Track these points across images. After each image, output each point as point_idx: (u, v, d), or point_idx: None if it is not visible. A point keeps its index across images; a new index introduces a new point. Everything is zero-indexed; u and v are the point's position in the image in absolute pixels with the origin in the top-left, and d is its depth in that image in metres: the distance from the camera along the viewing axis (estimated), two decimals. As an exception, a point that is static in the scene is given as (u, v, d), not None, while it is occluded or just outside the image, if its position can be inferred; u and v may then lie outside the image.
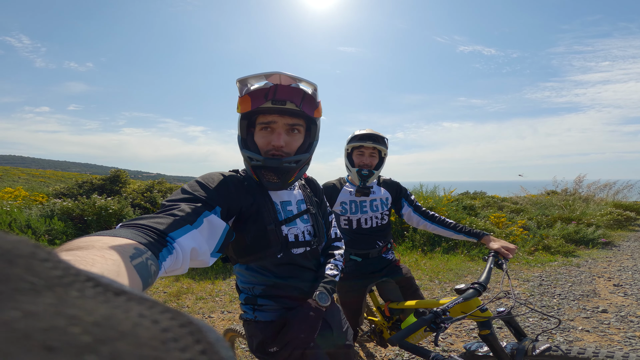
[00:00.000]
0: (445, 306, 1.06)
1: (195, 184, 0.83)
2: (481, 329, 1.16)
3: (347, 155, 1.73)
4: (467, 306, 1.18)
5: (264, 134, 0.92)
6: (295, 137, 0.94)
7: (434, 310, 1.02)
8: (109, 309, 0.11)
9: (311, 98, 0.91)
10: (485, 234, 1.54)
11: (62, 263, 0.13)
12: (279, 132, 0.91)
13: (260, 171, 0.92)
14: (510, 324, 1.22)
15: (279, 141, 0.90)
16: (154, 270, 0.47)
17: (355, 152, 1.69)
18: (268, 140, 0.92)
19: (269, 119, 0.91)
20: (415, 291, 1.75)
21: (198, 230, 0.68)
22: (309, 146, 0.98)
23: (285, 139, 0.92)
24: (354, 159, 1.70)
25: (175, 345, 0.11)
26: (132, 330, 0.11)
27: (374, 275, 1.74)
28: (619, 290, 3.28)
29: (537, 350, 1.12)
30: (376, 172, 1.68)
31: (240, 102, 0.89)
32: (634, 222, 7.40)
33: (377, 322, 1.85)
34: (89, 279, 0.13)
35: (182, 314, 0.13)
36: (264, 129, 0.92)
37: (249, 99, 0.87)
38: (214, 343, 0.12)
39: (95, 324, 0.10)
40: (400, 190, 1.82)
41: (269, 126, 0.92)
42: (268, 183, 0.93)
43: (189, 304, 3.01)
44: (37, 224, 4.36)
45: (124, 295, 0.13)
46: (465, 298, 1.12)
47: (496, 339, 1.15)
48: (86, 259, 0.36)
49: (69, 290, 0.12)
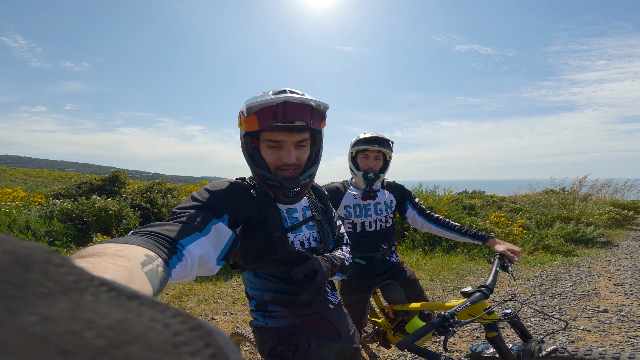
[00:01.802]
0: (453, 310, 1.06)
1: (205, 192, 0.84)
2: (488, 331, 1.16)
3: (351, 159, 1.73)
4: (474, 309, 1.18)
5: (272, 151, 0.91)
6: (304, 150, 0.94)
7: (441, 314, 1.03)
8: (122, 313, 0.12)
9: (319, 112, 0.91)
10: (490, 236, 1.55)
11: (77, 269, 0.13)
12: (289, 150, 0.90)
13: (276, 189, 0.92)
14: (516, 325, 1.23)
15: (291, 159, 0.90)
16: (164, 277, 0.47)
17: (360, 155, 1.68)
18: (278, 157, 0.91)
19: (278, 137, 0.89)
20: (419, 293, 1.75)
21: (206, 237, 0.69)
22: (316, 155, 0.99)
23: (295, 153, 0.91)
24: (359, 162, 1.69)
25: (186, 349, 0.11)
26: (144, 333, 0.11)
27: (378, 278, 1.75)
28: (619, 290, 3.30)
29: (544, 352, 1.12)
30: (382, 176, 1.68)
31: (246, 121, 0.87)
32: (632, 221, 7.44)
33: (380, 324, 1.86)
34: (103, 284, 0.13)
35: (193, 317, 0.13)
36: (272, 147, 0.91)
37: (255, 119, 0.85)
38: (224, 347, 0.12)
39: (109, 327, 0.10)
40: (404, 193, 1.82)
41: (277, 144, 0.90)
42: (286, 199, 0.94)
43: (192, 306, 3.01)
44: (36, 225, 4.33)
45: (136, 299, 0.13)
46: (472, 301, 1.13)
47: (503, 341, 1.15)
48: (99, 266, 0.36)
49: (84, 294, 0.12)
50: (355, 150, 1.69)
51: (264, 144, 0.92)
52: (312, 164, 0.97)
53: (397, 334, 1.72)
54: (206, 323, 0.13)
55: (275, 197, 0.95)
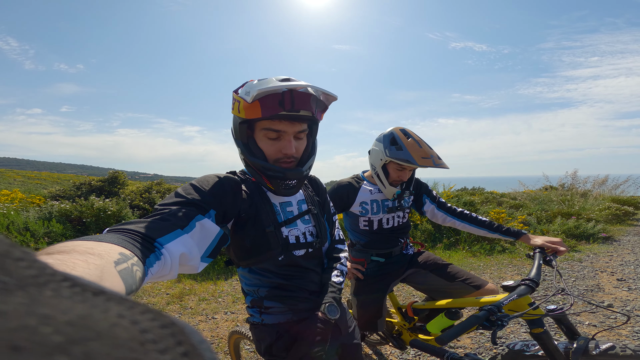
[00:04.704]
0: (499, 302, 1.01)
1: (190, 187, 0.80)
2: (532, 327, 1.09)
3: (382, 166, 1.53)
4: (517, 304, 1.12)
5: (271, 142, 0.87)
6: (302, 142, 0.92)
7: (487, 307, 0.98)
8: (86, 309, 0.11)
9: (321, 102, 0.88)
10: (523, 232, 1.46)
11: (38, 263, 0.13)
12: (289, 140, 0.87)
13: (277, 180, 0.89)
14: (562, 322, 1.14)
15: (291, 149, 0.87)
16: (139, 277, 0.44)
17: (395, 166, 1.50)
18: (277, 148, 0.87)
19: (279, 127, 0.85)
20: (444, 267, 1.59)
21: (189, 234, 0.66)
22: (312, 146, 0.96)
23: (295, 144, 0.88)
24: (391, 171, 1.52)
25: (155, 347, 0.10)
26: (109, 330, 0.10)
27: (397, 272, 1.66)
28: (622, 285, 3.29)
29: (599, 349, 1.03)
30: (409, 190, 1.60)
31: (247, 107, 0.82)
32: (632, 216, 7.44)
33: (395, 324, 1.75)
34: (66, 279, 0.13)
35: (165, 314, 0.12)
36: (272, 137, 0.87)
37: (258, 105, 0.80)
38: (197, 345, 0.12)
39: (69, 323, 0.10)
40: (420, 186, 1.73)
41: (277, 135, 0.87)
42: (286, 191, 0.91)
43: (192, 305, 2.98)
44: (35, 227, 4.30)
45: (102, 295, 0.12)
46: (519, 294, 1.06)
47: (551, 338, 1.08)
48: (67, 263, 0.33)
49: (43, 289, 0.11)
50: (390, 160, 1.47)
51: (261, 134, 0.87)
52: (310, 155, 0.94)
53: (413, 335, 1.61)
54: (179, 321, 0.12)
55: (274, 189, 0.91)
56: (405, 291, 3.20)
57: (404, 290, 3.21)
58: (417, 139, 1.44)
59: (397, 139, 1.45)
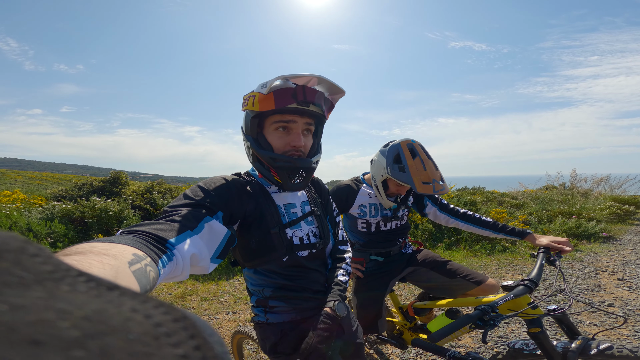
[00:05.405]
0: (494, 302, 1.01)
1: (197, 189, 0.82)
2: (530, 326, 1.10)
3: (382, 180, 1.52)
4: (516, 303, 1.12)
5: (280, 134, 0.90)
6: (309, 138, 0.94)
7: (480, 307, 0.99)
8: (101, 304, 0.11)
9: (329, 101, 0.92)
10: (528, 232, 1.46)
11: (53, 259, 0.13)
12: (298, 133, 0.90)
13: (285, 172, 0.90)
14: (563, 322, 1.15)
15: (300, 141, 0.89)
16: (152, 277, 0.46)
17: (395, 182, 1.48)
18: (286, 141, 0.90)
19: (289, 118, 0.88)
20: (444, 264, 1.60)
21: (199, 236, 0.67)
22: (318, 146, 0.98)
23: (303, 139, 0.91)
24: (391, 186, 1.52)
25: (168, 340, 0.11)
26: (123, 324, 0.10)
27: (396, 271, 1.67)
28: (623, 284, 3.29)
29: (596, 350, 1.03)
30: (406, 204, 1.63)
31: (262, 99, 0.85)
32: (633, 216, 7.43)
33: (396, 323, 1.76)
34: (81, 274, 0.13)
35: (177, 308, 0.13)
36: (280, 128, 0.90)
37: (272, 97, 0.84)
38: (209, 338, 0.12)
39: (85, 318, 0.10)
40: None
41: (287, 126, 0.90)
42: (294, 184, 0.92)
43: (195, 305, 3.00)
44: (37, 227, 4.31)
45: (116, 290, 0.13)
46: (515, 295, 1.07)
47: (547, 337, 1.09)
48: (82, 263, 0.35)
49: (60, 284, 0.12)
50: (391, 178, 1.45)
51: (271, 127, 0.91)
52: (316, 153, 0.97)
53: (415, 335, 1.62)
54: (191, 314, 0.13)
55: (282, 183, 0.93)
56: (407, 291, 3.21)
57: (405, 290, 3.22)
58: (422, 158, 1.40)
59: (402, 158, 1.40)
